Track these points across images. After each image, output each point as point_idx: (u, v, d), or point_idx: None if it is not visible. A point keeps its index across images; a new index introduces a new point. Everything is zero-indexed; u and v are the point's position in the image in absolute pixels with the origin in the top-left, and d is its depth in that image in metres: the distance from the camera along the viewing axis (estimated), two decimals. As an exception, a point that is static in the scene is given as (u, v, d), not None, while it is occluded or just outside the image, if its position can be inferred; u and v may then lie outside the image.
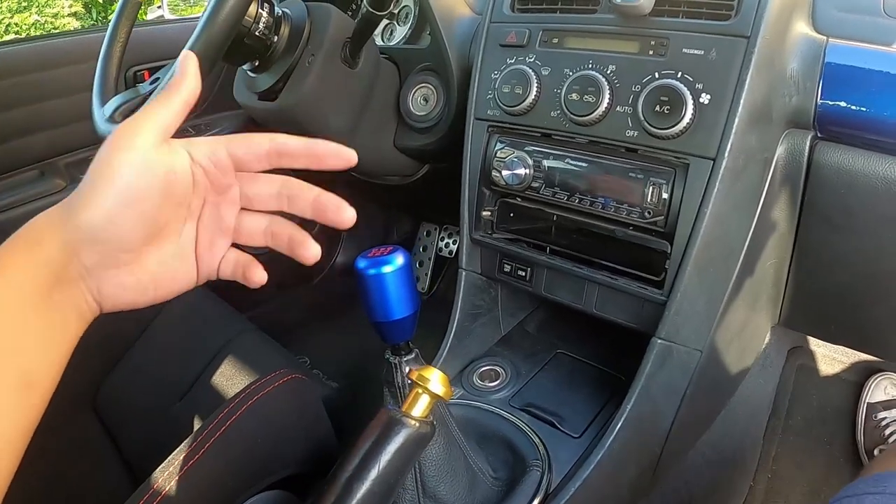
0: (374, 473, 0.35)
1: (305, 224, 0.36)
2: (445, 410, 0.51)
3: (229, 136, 0.35)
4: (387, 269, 0.43)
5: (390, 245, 0.45)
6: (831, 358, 0.93)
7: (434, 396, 0.37)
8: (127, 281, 0.32)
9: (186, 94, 0.34)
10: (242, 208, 0.36)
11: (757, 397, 0.88)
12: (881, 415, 0.87)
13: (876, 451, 0.85)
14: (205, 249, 0.35)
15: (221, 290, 1.02)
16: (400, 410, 0.37)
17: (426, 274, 1.19)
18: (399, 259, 0.43)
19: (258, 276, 0.36)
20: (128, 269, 0.32)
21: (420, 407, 0.37)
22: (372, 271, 0.43)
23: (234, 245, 0.37)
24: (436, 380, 0.37)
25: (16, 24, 2.36)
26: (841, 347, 0.92)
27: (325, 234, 1.29)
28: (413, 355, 0.46)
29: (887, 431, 0.85)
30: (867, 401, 0.89)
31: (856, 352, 0.92)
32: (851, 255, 0.64)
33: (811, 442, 0.90)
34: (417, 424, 0.36)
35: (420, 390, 0.37)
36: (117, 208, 0.30)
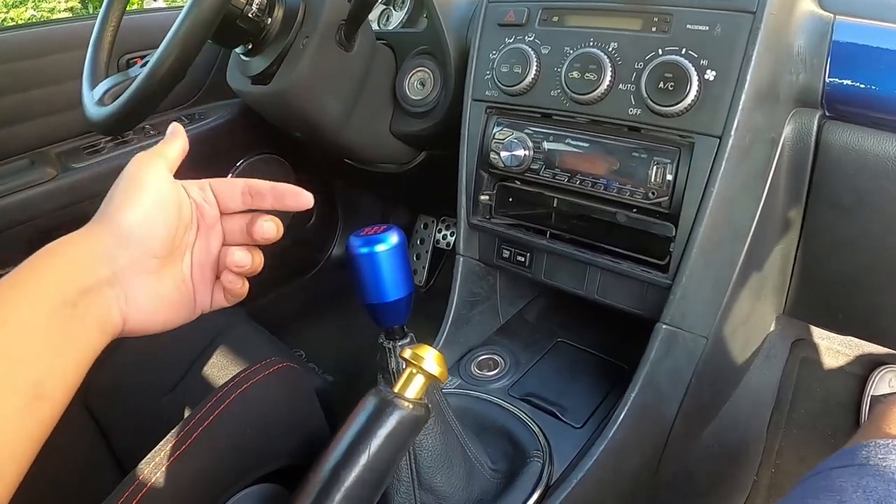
0: (363, 459, 0.33)
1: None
2: (442, 398, 0.49)
3: (211, 179, 0.40)
4: (380, 247, 0.41)
5: (384, 224, 0.43)
6: (835, 350, 0.92)
7: (429, 377, 0.35)
8: (148, 296, 0.34)
9: (182, 144, 0.39)
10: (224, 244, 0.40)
11: (760, 390, 0.86)
12: None
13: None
14: (198, 280, 0.39)
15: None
16: (392, 391, 0.35)
17: (424, 267, 1.18)
18: (393, 237, 0.41)
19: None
20: (151, 282, 0.35)
21: (414, 388, 0.35)
22: (364, 250, 0.41)
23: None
24: (431, 359, 0.35)
25: (12, 19, 2.35)
26: (845, 340, 0.91)
27: (320, 227, 1.27)
28: (408, 340, 0.44)
29: (893, 425, 0.83)
30: (871, 393, 0.87)
31: (860, 344, 0.90)
32: (860, 240, 0.63)
33: (815, 436, 0.88)
34: (411, 406, 0.34)
35: (414, 370, 0.35)
36: (151, 210, 0.34)
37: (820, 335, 0.92)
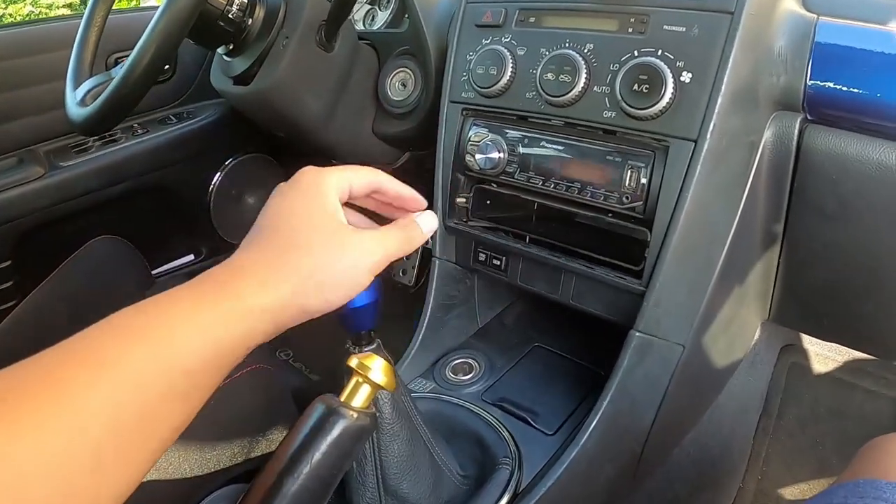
0: (306, 468, 0.32)
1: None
2: (409, 404, 0.48)
3: (357, 175, 0.38)
4: None
5: None
6: (825, 357, 0.90)
7: (375, 386, 0.34)
8: None
9: (417, 245, 0.38)
10: None
11: (747, 396, 0.85)
12: None
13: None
14: None
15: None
16: (338, 399, 0.34)
17: (413, 267, 1.17)
18: None
19: None
20: None
21: (360, 397, 0.34)
22: None
23: None
24: (378, 368, 0.34)
25: (10, 16, 2.36)
26: (834, 346, 0.89)
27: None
28: (375, 345, 0.43)
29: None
30: None
31: (849, 351, 0.89)
32: (843, 246, 0.61)
33: (803, 442, 0.86)
34: (356, 416, 0.34)
35: (360, 379, 0.34)
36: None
37: (809, 341, 0.90)
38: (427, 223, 0.40)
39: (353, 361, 0.34)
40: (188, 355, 0.28)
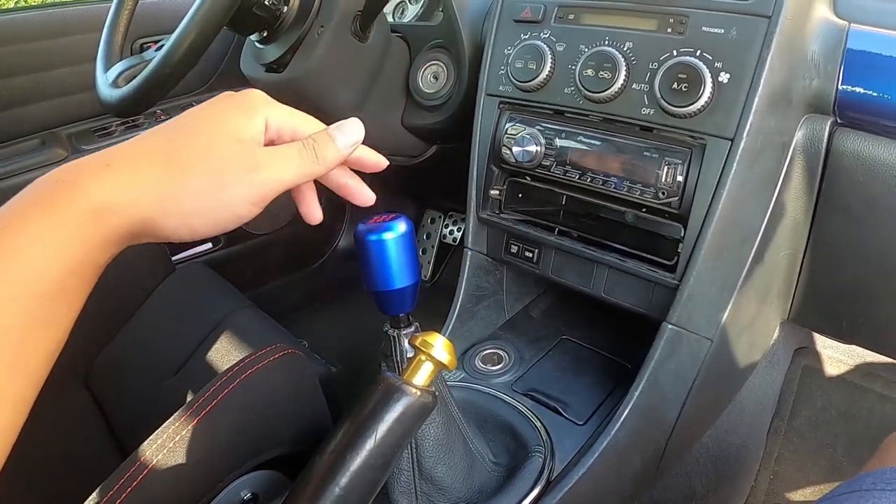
0: (370, 444, 0.33)
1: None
2: (445, 389, 0.49)
3: (292, 113, 0.34)
4: (388, 235, 0.41)
5: (393, 213, 0.43)
6: (837, 360, 0.92)
7: (438, 364, 0.35)
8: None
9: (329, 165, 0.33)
10: None
11: (762, 396, 0.86)
12: None
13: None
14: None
15: (222, 270, 1.01)
16: (400, 378, 0.35)
17: (429, 262, 1.18)
18: (401, 226, 0.41)
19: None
20: None
21: (422, 375, 0.35)
22: (373, 237, 0.41)
23: None
24: (440, 346, 0.35)
25: (25, 1, 2.35)
26: (847, 349, 0.91)
27: (327, 218, 1.28)
28: (413, 328, 0.44)
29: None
30: None
31: (862, 355, 0.90)
32: (868, 248, 0.63)
33: (814, 444, 0.88)
34: (419, 393, 0.34)
35: (423, 357, 0.35)
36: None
37: (823, 344, 0.92)
38: (347, 135, 0.32)
39: (416, 339, 0.35)
40: (40, 279, 0.26)
